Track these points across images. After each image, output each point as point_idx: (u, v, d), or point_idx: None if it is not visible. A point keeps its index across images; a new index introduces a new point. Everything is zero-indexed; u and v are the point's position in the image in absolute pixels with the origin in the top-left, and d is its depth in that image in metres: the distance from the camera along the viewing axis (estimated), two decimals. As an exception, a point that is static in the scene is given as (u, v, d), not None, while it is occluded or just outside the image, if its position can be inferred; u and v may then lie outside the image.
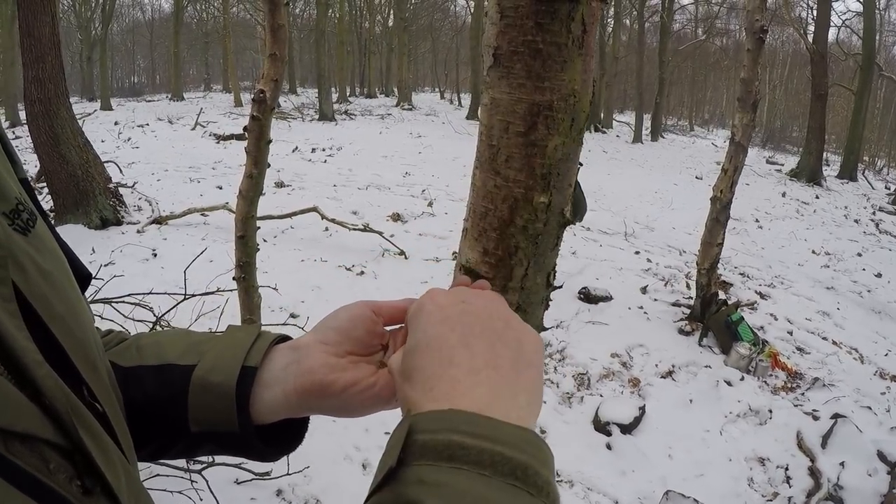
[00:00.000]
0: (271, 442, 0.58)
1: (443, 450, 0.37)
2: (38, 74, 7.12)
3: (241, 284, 3.45)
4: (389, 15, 42.50)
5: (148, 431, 0.54)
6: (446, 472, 0.36)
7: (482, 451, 0.37)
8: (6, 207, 0.42)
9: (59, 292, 0.44)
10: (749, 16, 5.68)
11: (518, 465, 0.37)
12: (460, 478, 0.36)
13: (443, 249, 7.58)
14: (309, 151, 15.03)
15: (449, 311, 0.49)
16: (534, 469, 0.37)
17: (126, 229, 7.46)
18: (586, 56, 0.62)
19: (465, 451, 0.37)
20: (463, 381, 0.43)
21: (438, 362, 0.45)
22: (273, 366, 0.57)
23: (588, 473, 4.02)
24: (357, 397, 0.55)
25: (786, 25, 28.75)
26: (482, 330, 0.47)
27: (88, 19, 32.34)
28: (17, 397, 0.36)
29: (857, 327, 6.97)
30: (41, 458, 0.36)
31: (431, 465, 0.37)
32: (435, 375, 0.44)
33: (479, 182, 0.67)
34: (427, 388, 0.44)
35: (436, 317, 0.49)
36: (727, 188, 5.87)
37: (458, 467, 0.36)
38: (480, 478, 0.36)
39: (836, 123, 32.46)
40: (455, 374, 0.44)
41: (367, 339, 0.58)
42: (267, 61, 3.20)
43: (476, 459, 0.37)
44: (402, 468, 0.38)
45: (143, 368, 0.57)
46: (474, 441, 0.37)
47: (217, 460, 3.19)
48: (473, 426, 0.39)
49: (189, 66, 53.46)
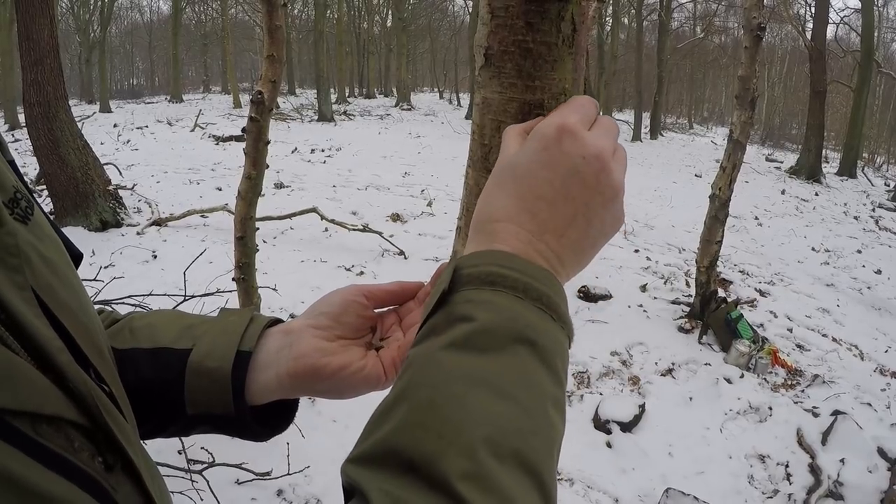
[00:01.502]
0: (264, 422, 0.60)
1: (485, 277, 0.44)
2: (37, 77, 7.12)
3: (241, 285, 3.46)
4: (388, 15, 42.52)
5: (144, 412, 0.55)
6: (489, 293, 0.43)
7: (517, 280, 0.44)
8: (4, 196, 0.42)
9: (62, 280, 0.44)
10: (747, 13, 5.68)
11: (543, 294, 0.44)
12: (500, 297, 0.43)
13: (442, 249, 7.58)
14: (308, 152, 15.04)
15: (557, 159, 0.49)
16: (555, 300, 0.45)
17: (126, 231, 7.47)
18: (577, 55, 0.63)
19: (504, 278, 0.44)
20: (508, 234, 0.48)
21: (502, 203, 0.50)
22: (266, 349, 0.58)
23: (588, 471, 4.03)
24: (348, 380, 0.57)
25: (784, 23, 28.72)
26: (564, 198, 0.49)
27: (87, 22, 32.35)
28: (44, 382, 0.37)
29: (856, 324, 6.98)
30: (67, 438, 0.38)
31: (477, 289, 0.44)
32: (492, 218, 0.50)
33: (471, 181, 0.67)
34: (477, 228, 0.51)
35: (539, 159, 0.50)
36: (726, 186, 5.88)
37: (498, 290, 0.43)
38: (516, 299, 0.43)
39: (836, 120, 32.43)
40: (507, 227, 0.49)
41: (357, 323, 0.60)
42: (265, 62, 3.21)
43: (512, 285, 0.44)
44: (451, 294, 0.44)
45: (138, 351, 0.58)
46: (510, 272, 0.44)
47: (218, 460, 3.20)
48: (510, 261, 0.45)
49: (188, 67, 53.44)
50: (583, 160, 0.48)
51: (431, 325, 0.44)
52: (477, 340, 0.41)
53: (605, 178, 0.49)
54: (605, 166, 0.49)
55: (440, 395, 0.39)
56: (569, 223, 0.49)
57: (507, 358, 0.40)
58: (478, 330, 0.41)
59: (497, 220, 0.49)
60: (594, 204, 0.49)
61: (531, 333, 0.41)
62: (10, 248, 0.39)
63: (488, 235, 0.49)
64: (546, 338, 0.42)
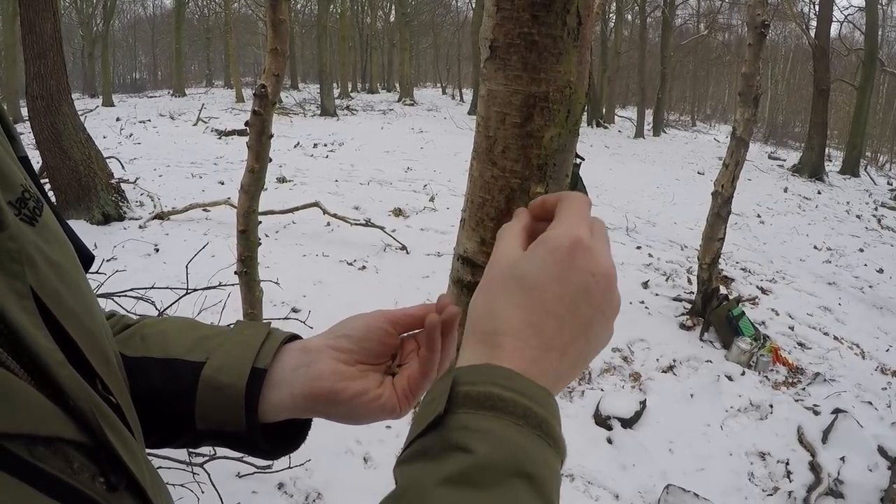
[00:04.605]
0: (274, 440, 0.58)
1: (484, 400, 0.41)
2: (40, 71, 7.12)
3: (243, 279, 3.45)
4: (391, 10, 42.47)
5: (152, 423, 0.53)
6: (488, 420, 0.40)
7: (517, 404, 0.41)
8: (11, 196, 0.40)
9: (69, 285, 0.42)
10: (751, 10, 5.66)
11: (543, 420, 0.41)
12: (499, 425, 0.40)
13: (444, 244, 7.58)
14: (311, 147, 15.02)
15: (569, 276, 0.46)
16: (552, 424, 0.42)
17: (128, 225, 7.48)
18: (582, 48, 0.63)
19: (503, 402, 0.41)
20: (513, 350, 0.46)
21: (508, 316, 0.47)
22: (282, 367, 0.56)
23: (589, 467, 4.03)
24: (363, 407, 0.56)
25: (788, 20, 28.63)
26: (573, 316, 0.46)
27: (90, 15, 32.35)
28: (41, 402, 0.35)
29: (858, 323, 6.97)
30: (65, 459, 0.36)
31: (474, 413, 0.41)
32: (497, 330, 0.46)
33: (476, 173, 0.67)
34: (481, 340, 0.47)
35: (551, 273, 0.47)
36: (728, 183, 5.86)
37: (497, 416, 0.41)
38: (515, 427, 0.40)
39: (839, 119, 32.33)
40: (513, 342, 0.46)
41: (379, 349, 0.58)
42: (268, 56, 3.21)
43: (512, 410, 0.41)
44: (447, 416, 0.41)
45: (149, 361, 0.56)
46: (510, 394, 0.41)
47: (219, 454, 3.21)
48: (510, 381, 0.42)
49: (191, 61, 53.41)
50: (593, 278, 0.47)
51: (424, 445, 0.41)
52: (474, 476, 0.38)
53: (609, 297, 0.48)
54: (612, 285, 0.48)
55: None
56: (572, 341, 0.47)
57: (505, 493, 0.38)
58: (476, 465, 0.39)
59: (502, 332, 0.46)
60: (596, 322, 0.48)
61: (529, 467, 0.39)
62: (12, 254, 0.37)
63: (491, 348, 0.46)
64: (543, 469, 0.40)
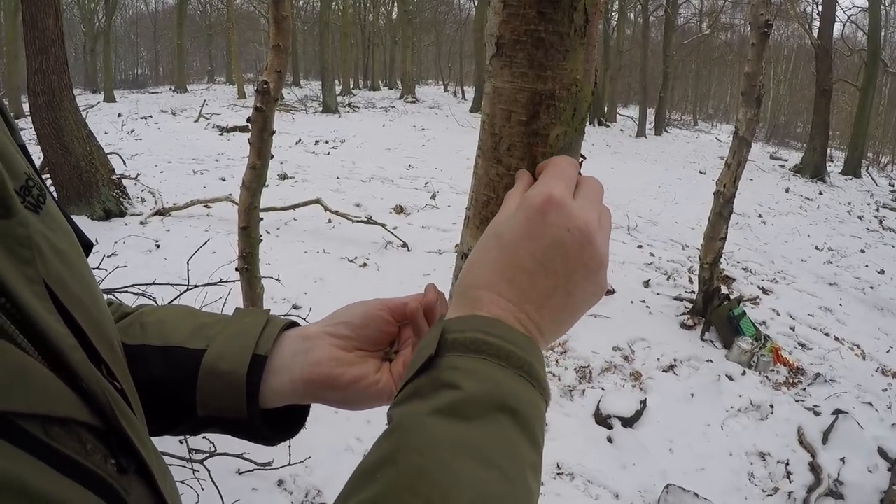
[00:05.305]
0: (274, 426, 0.59)
1: (470, 344, 0.45)
2: (42, 66, 7.12)
3: (244, 275, 3.46)
4: (393, 7, 42.37)
5: (153, 411, 0.54)
6: (474, 361, 0.44)
7: (500, 348, 0.45)
8: (16, 184, 0.40)
9: (74, 272, 0.43)
10: (754, 10, 5.65)
11: (525, 362, 0.45)
12: (485, 365, 0.44)
13: (446, 242, 7.58)
14: (312, 143, 15.02)
15: (541, 231, 0.49)
16: (535, 367, 0.46)
17: (129, 220, 7.48)
18: (589, 45, 0.62)
19: (488, 345, 0.45)
20: (489, 302, 0.49)
21: (485, 272, 0.50)
22: (281, 353, 0.58)
23: (589, 466, 4.03)
24: (361, 392, 0.57)
25: (791, 20, 28.56)
26: (545, 270, 0.49)
27: (92, 11, 32.31)
28: (56, 384, 0.36)
29: (859, 324, 6.97)
30: (78, 440, 0.36)
31: (462, 356, 0.45)
32: (475, 285, 0.50)
33: (480, 171, 0.67)
34: (461, 293, 0.51)
35: (522, 229, 0.50)
36: (730, 183, 5.86)
37: (482, 357, 0.44)
38: (499, 367, 0.44)
39: (841, 119, 32.29)
40: (488, 295, 0.49)
41: (377, 337, 0.60)
42: (271, 53, 3.20)
43: (495, 353, 0.45)
44: (437, 358, 0.45)
45: (149, 349, 0.57)
46: (494, 339, 0.45)
47: (219, 450, 3.21)
48: (493, 328, 0.46)
49: (193, 58, 53.42)
50: (568, 233, 0.49)
51: (416, 386, 0.45)
52: (462, 409, 0.41)
53: (589, 250, 0.49)
54: (591, 239, 0.49)
55: (428, 460, 0.39)
56: (549, 295, 0.49)
57: (491, 426, 0.41)
58: (463, 398, 0.42)
59: (479, 286, 0.50)
60: (576, 276, 0.49)
61: (513, 402, 0.42)
62: (21, 240, 0.37)
63: (471, 301, 0.49)
64: (527, 406, 0.43)
